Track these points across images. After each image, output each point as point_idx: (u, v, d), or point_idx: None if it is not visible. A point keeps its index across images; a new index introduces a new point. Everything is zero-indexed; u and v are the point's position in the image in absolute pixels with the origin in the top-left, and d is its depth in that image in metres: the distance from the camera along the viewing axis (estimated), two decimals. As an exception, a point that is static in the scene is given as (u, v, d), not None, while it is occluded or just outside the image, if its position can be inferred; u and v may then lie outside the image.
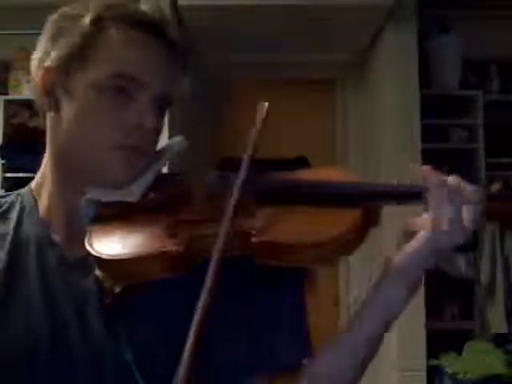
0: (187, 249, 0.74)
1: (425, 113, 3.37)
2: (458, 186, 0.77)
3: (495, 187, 3.31)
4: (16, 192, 0.93)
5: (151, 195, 0.84)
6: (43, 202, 0.89)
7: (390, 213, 0.84)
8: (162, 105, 0.86)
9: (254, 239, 0.74)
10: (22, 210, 0.90)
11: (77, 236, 0.81)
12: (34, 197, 0.90)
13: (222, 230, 0.66)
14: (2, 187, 3.30)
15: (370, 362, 0.85)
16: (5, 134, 3.35)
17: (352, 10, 3.26)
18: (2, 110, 3.35)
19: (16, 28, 3.17)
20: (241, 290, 0.83)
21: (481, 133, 3.53)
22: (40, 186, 0.90)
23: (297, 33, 3.49)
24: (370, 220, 0.78)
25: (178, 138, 0.91)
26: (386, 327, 0.83)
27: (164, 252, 0.74)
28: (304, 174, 0.85)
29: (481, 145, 3.52)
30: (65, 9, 0.86)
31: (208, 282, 0.62)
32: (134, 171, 0.83)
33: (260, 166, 0.82)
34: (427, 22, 3.51)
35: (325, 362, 0.85)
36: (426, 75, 3.50)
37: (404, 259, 0.80)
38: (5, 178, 3.32)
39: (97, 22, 0.83)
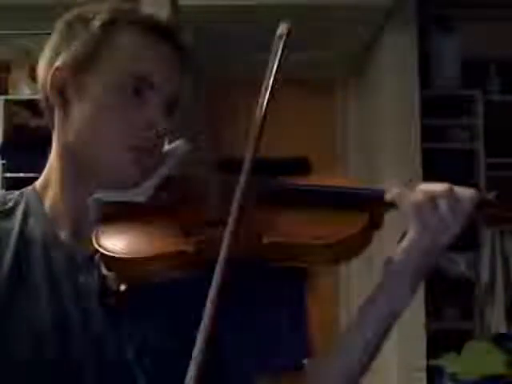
0: (199, 249, 0.74)
1: (425, 113, 3.37)
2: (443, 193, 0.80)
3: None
4: (19, 191, 0.93)
5: (161, 195, 0.84)
6: (49, 201, 0.89)
7: (391, 213, 0.85)
8: (170, 107, 0.87)
9: (264, 240, 0.75)
10: (26, 208, 0.89)
11: (83, 235, 0.81)
12: (39, 196, 0.90)
13: (228, 231, 0.66)
14: (2, 187, 3.30)
15: (370, 366, 0.86)
16: (5, 134, 3.35)
17: (352, 10, 3.26)
18: (2, 110, 3.35)
19: (16, 28, 3.17)
20: (245, 292, 0.83)
21: (481, 133, 3.53)
22: (46, 185, 0.90)
23: (297, 33, 3.48)
24: (375, 223, 0.81)
25: (183, 141, 0.92)
26: (388, 327, 0.84)
27: (175, 252, 0.74)
28: (312, 179, 0.88)
29: (481, 145, 3.52)
30: (77, 10, 0.87)
31: (215, 284, 0.62)
32: (143, 171, 0.84)
33: (260, 165, 0.82)
34: (427, 22, 3.51)
35: (324, 365, 0.86)
36: (426, 75, 3.50)
37: (398, 259, 0.82)
38: (5, 178, 3.32)
39: (111, 24, 0.84)
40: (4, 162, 3.35)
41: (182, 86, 0.90)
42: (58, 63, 0.84)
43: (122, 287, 0.78)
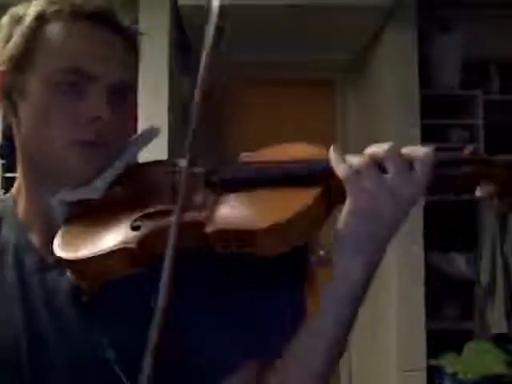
0: (143, 244, 0.73)
1: (425, 113, 3.37)
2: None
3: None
4: (1, 199, 0.94)
5: (117, 190, 0.83)
6: (21, 206, 0.89)
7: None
8: (118, 94, 0.84)
9: (207, 229, 0.72)
10: (2, 214, 0.90)
11: (53, 238, 0.80)
12: (13, 202, 0.91)
13: (173, 221, 0.63)
14: (2, 187, 3.30)
15: (341, 343, 0.78)
16: (4, 134, 3.34)
17: (352, 9, 3.25)
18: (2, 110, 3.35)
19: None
20: (234, 286, 0.82)
21: (481, 133, 3.53)
22: (18, 190, 0.91)
23: (297, 33, 3.49)
24: (333, 196, 0.75)
25: (149, 128, 0.90)
26: (348, 309, 0.76)
27: (124, 248, 0.73)
28: (259, 155, 0.83)
29: (481, 145, 3.52)
30: (13, 9, 0.85)
31: (163, 275, 0.60)
32: (95, 167, 0.82)
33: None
34: (427, 22, 3.51)
35: (290, 355, 0.80)
36: (426, 75, 3.50)
37: (340, 229, 0.74)
38: (5, 178, 3.32)
39: (38, 18, 0.82)
40: (4, 162, 3.35)
41: (129, 70, 0.86)
42: (1, 67, 0.84)
43: (93, 287, 0.78)
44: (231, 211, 0.74)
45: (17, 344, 0.80)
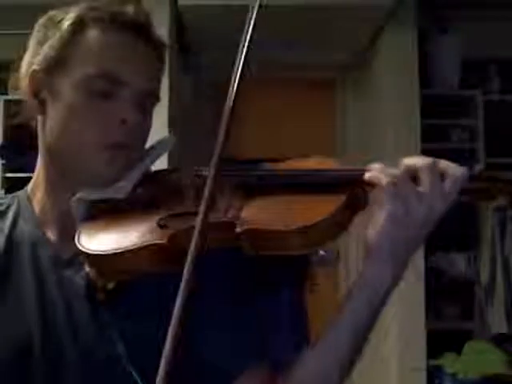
0: (173, 241, 0.74)
1: (425, 113, 3.37)
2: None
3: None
4: (13, 194, 0.95)
5: (140, 191, 0.85)
6: (38, 203, 0.91)
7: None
8: (145, 103, 0.87)
9: (237, 229, 0.74)
10: (17, 210, 0.91)
11: (70, 235, 0.82)
12: (29, 198, 0.92)
13: (198, 220, 0.65)
14: (2, 187, 3.30)
15: (359, 354, 0.81)
16: (5, 134, 3.35)
17: (352, 9, 3.26)
18: (2, 110, 3.35)
19: (16, 28, 3.17)
20: (238, 289, 0.83)
21: (481, 133, 3.53)
22: (35, 187, 0.92)
23: (296, 33, 3.49)
24: (355, 204, 0.79)
25: (168, 136, 0.93)
26: (373, 311, 0.80)
27: (151, 244, 0.74)
28: (282, 165, 0.86)
29: (481, 145, 3.52)
30: (51, 12, 0.88)
31: (185, 274, 0.61)
32: (120, 168, 0.84)
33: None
34: (427, 22, 3.51)
35: (310, 358, 0.82)
36: (425, 75, 3.50)
37: (374, 236, 0.78)
38: (5, 178, 3.32)
39: (77, 23, 0.85)
40: (4, 161, 3.35)
41: (157, 81, 0.90)
42: (34, 66, 0.86)
43: (110, 285, 0.79)
44: (260, 213, 0.77)
45: (30, 338, 0.81)
